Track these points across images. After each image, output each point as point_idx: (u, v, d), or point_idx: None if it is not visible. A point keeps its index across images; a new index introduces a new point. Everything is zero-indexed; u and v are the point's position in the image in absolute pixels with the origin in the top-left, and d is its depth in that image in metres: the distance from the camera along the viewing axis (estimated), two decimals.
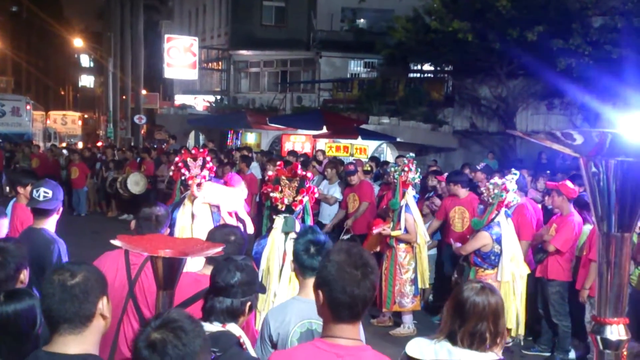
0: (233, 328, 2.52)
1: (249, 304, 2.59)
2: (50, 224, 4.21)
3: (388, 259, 7.08)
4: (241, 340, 2.51)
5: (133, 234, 3.70)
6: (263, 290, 2.91)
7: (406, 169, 7.00)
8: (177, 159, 6.38)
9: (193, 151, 6.42)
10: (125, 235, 2.83)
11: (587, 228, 6.27)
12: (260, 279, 4.42)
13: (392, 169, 7.37)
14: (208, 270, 3.12)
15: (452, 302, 2.61)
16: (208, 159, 6.26)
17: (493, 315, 2.54)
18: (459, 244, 6.63)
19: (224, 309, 2.53)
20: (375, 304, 6.79)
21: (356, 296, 2.02)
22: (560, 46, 15.22)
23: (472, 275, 6.08)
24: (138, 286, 3.46)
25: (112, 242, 2.43)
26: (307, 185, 4.81)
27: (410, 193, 7.06)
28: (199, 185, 5.84)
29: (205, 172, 6.05)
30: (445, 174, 8.78)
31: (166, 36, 29.34)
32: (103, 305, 2.07)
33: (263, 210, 10.37)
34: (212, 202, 5.91)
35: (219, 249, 2.45)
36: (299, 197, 4.73)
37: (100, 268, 3.50)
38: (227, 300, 2.53)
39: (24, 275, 3.03)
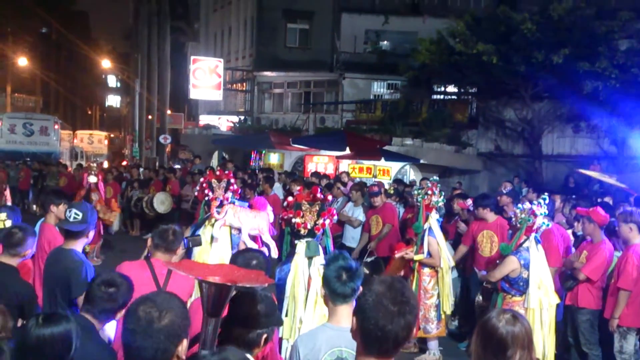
0: None
1: (265, 336, 2.55)
2: (79, 246, 4.25)
3: (412, 283, 6.99)
4: None
5: (151, 250, 3.84)
6: (280, 323, 2.87)
7: (430, 192, 6.95)
8: (202, 179, 6.42)
9: (218, 172, 6.45)
10: (177, 262, 2.88)
11: (617, 255, 6.14)
12: (286, 306, 4.40)
13: (416, 192, 7.32)
14: None
15: (487, 337, 2.52)
16: (232, 180, 6.29)
17: (530, 342, 2.52)
18: (484, 272, 6.52)
19: (238, 339, 2.49)
20: None
21: (387, 332, 1.97)
22: (587, 69, 15.11)
23: (500, 301, 5.96)
24: None
25: (169, 266, 2.44)
26: (327, 208, 4.81)
27: (434, 217, 7.00)
28: (220, 206, 5.86)
29: (229, 194, 6.07)
30: (468, 201, 8.68)
31: (192, 58, 29.78)
32: (182, 348, 2.06)
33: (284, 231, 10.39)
34: (233, 225, 5.92)
35: (265, 285, 2.40)
36: (320, 221, 4.73)
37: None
38: (243, 330, 2.50)
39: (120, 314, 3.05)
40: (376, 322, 1.97)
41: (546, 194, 6.25)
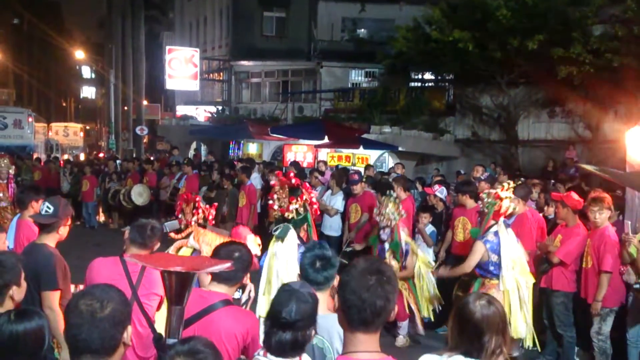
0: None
1: (313, 332, 2.61)
2: (51, 240, 4.21)
3: None
4: None
5: (126, 242, 3.83)
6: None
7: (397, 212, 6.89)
8: (179, 202, 6.19)
9: (187, 197, 6.26)
10: (137, 254, 2.88)
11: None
12: (263, 286, 4.48)
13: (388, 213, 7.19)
14: (215, 287, 3.12)
15: (463, 322, 2.59)
16: (197, 204, 6.05)
17: (504, 326, 2.61)
18: (440, 271, 6.64)
19: (289, 343, 2.51)
20: None
21: (365, 300, 2.05)
22: (561, 55, 15.23)
23: (477, 285, 6.04)
24: (140, 290, 3.67)
25: (128, 259, 2.47)
26: (300, 194, 4.87)
27: (404, 230, 6.96)
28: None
29: (194, 219, 5.82)
30: (436, 187, 8.78)
31: (167, 48, 29.44)
32: (127, 334, 2.07)
33: (265, 221, 10.37)
34: (195, 247, 5.68)
35: (228, 264, 2.46)
36: (291, 205, 4.83)
37: (99, 275, 3.60)
38: (292, 334, 2.51)
39: (14, 292, 3.01)
40: (353, 290, 2.07)
41: (522, 179, 6.33)
